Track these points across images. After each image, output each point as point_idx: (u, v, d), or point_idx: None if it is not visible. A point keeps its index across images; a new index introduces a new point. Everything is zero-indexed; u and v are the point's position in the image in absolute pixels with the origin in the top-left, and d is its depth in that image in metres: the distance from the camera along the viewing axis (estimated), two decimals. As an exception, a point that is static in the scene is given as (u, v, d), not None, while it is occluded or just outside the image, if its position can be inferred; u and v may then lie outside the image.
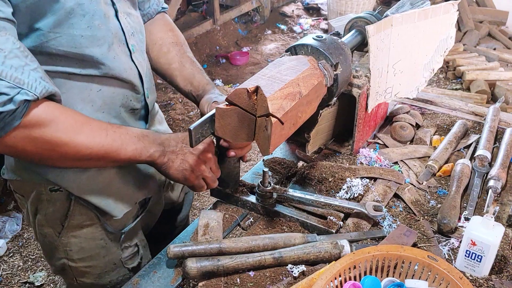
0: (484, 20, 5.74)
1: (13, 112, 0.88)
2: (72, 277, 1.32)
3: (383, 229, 1.25)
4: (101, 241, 1.28)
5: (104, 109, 1.16)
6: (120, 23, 1.14)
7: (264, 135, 1.03)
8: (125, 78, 1.17)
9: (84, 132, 1.00)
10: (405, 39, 1.47)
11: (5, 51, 0.86)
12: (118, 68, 1.14)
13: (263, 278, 1.11)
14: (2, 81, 0.85)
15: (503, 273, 1.12)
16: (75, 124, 0.99)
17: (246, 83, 1.05)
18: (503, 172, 1.38)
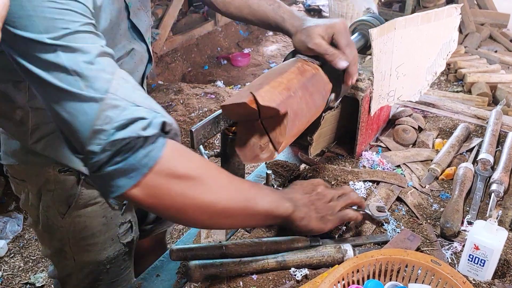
0: (486, 22, 5.74)
1: (155, 139, 0.81)
2: (70, 257, 1.33)
3: (387, 234, 1.25)
4: (103, 219, 1.30)
5: None
6: (133, 22, 1.15)
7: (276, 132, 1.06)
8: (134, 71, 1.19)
9: (222, 175, 0.95)
10: (408, 42, 1.47)
11: (131, 83, 0.84)
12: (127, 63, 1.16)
13: (266, 281, 1.11)
14: (139, 107, 0.80)
15: (506, 278, 1.12)
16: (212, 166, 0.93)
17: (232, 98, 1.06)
18: (506, 176, 1.38)
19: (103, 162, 0.79)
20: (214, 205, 0.91)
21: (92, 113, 0.78)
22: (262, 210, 0.99)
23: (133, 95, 0.82)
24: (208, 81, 4.91)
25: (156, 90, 4.31)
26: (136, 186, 0.81)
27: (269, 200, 1.00)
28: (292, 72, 1.14)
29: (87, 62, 0.79)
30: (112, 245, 1.34)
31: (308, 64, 1.18)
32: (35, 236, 2.88)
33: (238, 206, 0.96)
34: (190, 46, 5.31)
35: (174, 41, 4.99)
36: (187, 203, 0.88)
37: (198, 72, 5.14)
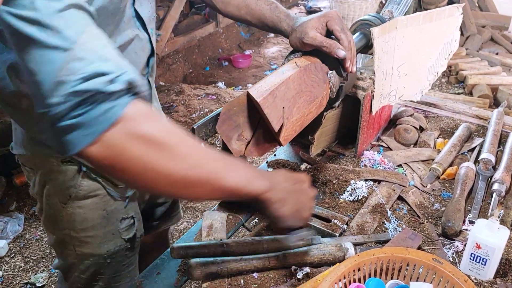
0: (487, 24, 5.74)
1: (118, 95, 0.77)
2: (71, 248, 1.34)
3: (388, 232, 1.25)
4: (103, 212, 1.30)
5: None
6: (137, 11, 1.15)
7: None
8: (135, 62, 1.18)
9: (188, 142, 0.87)
10: (410, 42, 1.47)
11: (104, 41, 0.81)
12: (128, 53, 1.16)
13: (267, 279, 1.11)
14: (106, 62, 0.77)
15: (508, 277, 1.12)
16: (179, 131, 0.87)
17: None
18: (507, 176, 1.38)
19: (62, 115, 0.75)
20: (173, 173, 0.84)
21: (57, 63, 0.75)
22: (229, 185, 0.91)
23: (103, 50, 0.79)
24: (209, 82, 4.91)
25: (157, 91, 4.30)
26: (93, 143, 0.77)
27: (241, 175, 0.92)
28: (315, 104, 1.17)
29: (58, 10, 0.76)
30: (112, 240, 1.35)
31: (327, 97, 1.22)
32: (35, 236, 2.88)
33: (200, 177, 0.87)
34: (191, 48, 5.32)
35: (175, 43, 5.00)
36: (146, 167, 0.82)
37: (199, 73, 5.14)
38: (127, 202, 1.34)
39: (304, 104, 1.13)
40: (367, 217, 1.30)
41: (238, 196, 0.94)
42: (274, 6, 1.30)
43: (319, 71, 1.20)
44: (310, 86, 1.16)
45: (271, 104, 1.06)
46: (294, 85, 1.12)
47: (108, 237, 1.34)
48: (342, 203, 1.36)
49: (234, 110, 1.12)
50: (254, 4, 1.31)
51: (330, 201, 1.37)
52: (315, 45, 1.20)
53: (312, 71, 1.18)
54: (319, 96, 1.17)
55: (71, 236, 1.32)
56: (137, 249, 1.44)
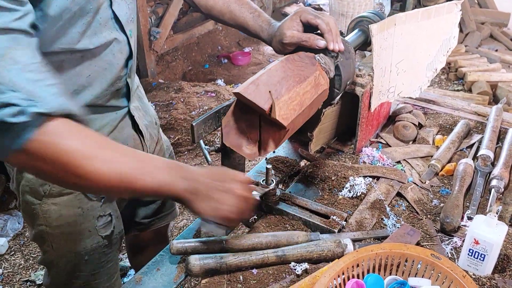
0: (486, 21, 5.74)
1: (25, 125, 0.83)
2: (49, 244, 1.35)
3: (387, 229, 1.25)
4: (78, 209, 1.31)
5: (91, 92, 1.19)
6: (114, 12, 1.15)
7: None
8: (112, 62, 1.19)
9: (101, 155, 0.91)
10: (408, 38, 1.47)
11: (21, 64, 0.84)
12: (106, 54, 1.16)
13: (266, 275, 1.11)
14: (15, 93, 0.82)
15: (506, 272, 1.12)
16: (93, 145, 0.91)
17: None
18: (506, 172, 1.38)
19: None
20: (83, 186, 0.93)
21: None
22: (145, 189, 0.95)
23: (16, 79, 0.82)
24: (208, 79, 4.91)
25: (156, 88, 4.31)
26: (7, 159, 0.89)
27: (159, 177, 0.96)
28: (309, 83, 1.16)
29: None
30: (90, 237, 1.34)
31: (322, 74, 1.20)
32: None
33: (115, 183, 0.93)
34: (191, 45, 5.31)
35: (174, 40, 4.99)
36: (54, 180, 0.94)
37: (198, 71, 5.14)
38: (102, 201, 1.34)
39: (294, 84, 1.12)
40: (366, 213, 1.30)
41: (159, 196, 1.02)
42: (257, 14, 1.31)
43: (303, 58, 1.20)
44: (297, 70, 1.15)
45: (253, 91, 1.05)
46: (277, 73, 1.12)
47: (85, 234, 1.34)
48: (341, 199, 1.36)
49: (233, 120, 1.12)
50: (238, 11, 1.32)
51: (329, 197, 1.37)
52: (294, 42, 1.21)
53: (296, 60, 1.19)
54: (310, 75, 1.16)
55: (47, 232, 1.33)
56: (115, 246, 1.44)
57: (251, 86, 1.06)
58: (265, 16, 1.32)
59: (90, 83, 1.17)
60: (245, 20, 1.31)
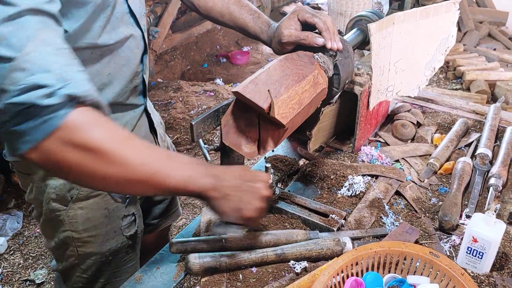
0: (484, 20, 5.75)
1: (56, 108, 0.79)
2: (73, 249, 1.35)
3: (386, 227, 1.26)
4: (105, 211, 1.31)
5: (111, 90, 1.19)
6: (129, 5, 1.15)
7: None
8: (131, 58, 1.19)
9: (130, 146, 0.89)
10: (407, 37, 1.47)
11: (52, 46, 0.82)
12: (124, 50, 1.16)
13: (266, 274, 1.12)
14: (47, 74, 0.78)
15: (504, 270, 1.13)
16: (121, 136, 0.89)
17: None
18: (504, 170, 1.39)
19: (5, 121, 0.79)
20: (112, 176, 0.88)
21: (1, 71, 0.77)
22: (172, 183, 0.93)
23: (48, 59, 0.79)
24: (207, 79, 4.91)
25: (155, 88, 4.31)
26: (33, 150, 0.81)
27: (183, 174, 0.94)
28: (308, 82, 1.16)
29: (9, 16, 0.77)
30: (114, 237, 1.35)
31: (321, 73, 1.20)
32: (34, 233, 2.89)
33: (141, 178, 0.90)
34: (189, 44, 5.31)
35: (173, 39, 4.99)
36: (83, 172, 0.86)
37: (197, 70, 5.14)
38: (128, 201, 1.35)
39: (293, 83, 1.12)
40: (364, 212, 1.30)
41: (182, 193, 0.97)
42: (257, 16, 1.31)
43: (302, 57, 1.20)
44: (296, 69, 1.16)
45: (253, 90, 1.06)
46: (276, 72, 1.12)
47: (110, 235, 1.35)
48: (340, 198, 1.37)
49: (232, 119, 1.12)
50: (237, 13, 1.32)
51: (328, 196, 1.38)
52: (292, 41, 1.21)
53: (294, 59, 1.19)
54: (309, 74, 1.16)
55: (73, 237, 1.32)
56: (137, 246, 1.45)
57: (250, 85, 1.06)
58: (265, 18, 1.32)
59: (111, 81, 1.17)
60: (245, 21, 1.31)
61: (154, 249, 1.82)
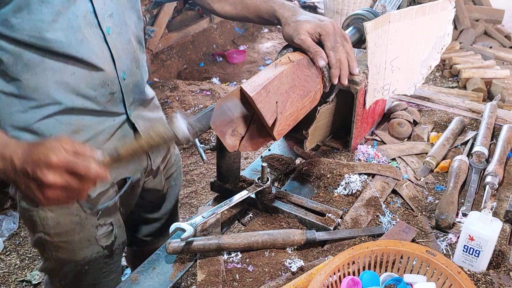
0: (480, 18, 5.76)
1: None
2: (48, 252, 1.31)
3: (382, 226, 1.26)
4: (76, 217, 1.27)
5: (79, 93, 1.15)
6: (93, 5, 1.10)
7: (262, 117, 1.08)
8: (94, 61, 1.13)
9: None
10: (403, 36, 1.47)
11: None
12: (86, 51, 1.11)
13: (262, 273, 1.11)
14: None
15: (501, 268, 1.13)
16: None
17: None
18: (500, 168, 1.39)
19: None
20: None
21: None
22: None
23: None
24: (203, 78, 4.90)
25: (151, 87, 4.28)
26: None
27: None
28: (309, 98, 1.17)
29: None
30: (89, 246, 1.31)
31: (320, 92, 1.22)
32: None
33: None
34: (186, 43, 5.30)
35: (169, 38, 4.98)
36: None
37: (193, 69, 5.13)
38: (100, 213, 1.30)
39: (298, 98, 1.13)
40: (361, 210, 1.30)
41: None
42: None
43: (311, 65, 1.20)
44: (304, 80, 1.16)
45: (264, 98, 1.06)
46: (287, 80, 1.12)
47: (84, 244, 1.30)
48: (336, 197, 1.36)
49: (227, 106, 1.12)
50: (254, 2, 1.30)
51: (324, 195, 1.37)
52: (302, 47, 1.20)
53: (305, 66, 1.18)
54: (312, 90, 1.17)
55: (46, 240, 1.28)
56: (118, 257, 1.42)
57: (263, 92, 1.06)
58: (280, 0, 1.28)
59: (77, 82, 1.13)
60: (256, 5, 1.29)
61: None
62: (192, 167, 3.45)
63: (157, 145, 0.88)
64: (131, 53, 1.23)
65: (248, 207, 1.35)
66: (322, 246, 1.21)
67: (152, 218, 1.63)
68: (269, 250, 1.18)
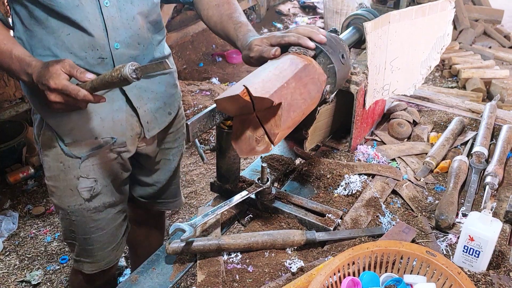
0: (480, 18, 5.76)
1: None
2: (48, 195, 1.53)
3: (382, 226, 1.26)
4: (60, 164, 1.42)
5: (72, 51, 1.28)
6: None
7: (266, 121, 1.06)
8: (87, 27, 1.25)
9: None
10: (402, 36, 1.47)
11: None
12: (80, 16, 1.24)
13: (262, 274, 1.11)
14: None
15: (501, 268, 1.13)
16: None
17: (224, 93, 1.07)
18: (500, 169, 1.39)
19: None
20: None
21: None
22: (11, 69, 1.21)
23: None
24: (203, 78, 4.90)
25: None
26: None
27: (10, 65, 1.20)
28: (284, 63, 1.14)
29: None
30: (72, 196, 1.46)
31: (301, 56, 1.18)
32: (30, 234, 2.87)
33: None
34: (185, 44, 5.30)
35: (169, 39, 4.98)
36: None
37: (193, 69, 5.13)
38: (82, 162, 1.42)
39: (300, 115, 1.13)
40: (361, 211, 1.30)
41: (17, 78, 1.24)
42: (239, 26, 1.38)
43: (317, 69, 1.19)
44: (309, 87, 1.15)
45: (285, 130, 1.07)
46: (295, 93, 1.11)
47: (67, 193, 1.46)
48: (336, 197, 1.36)
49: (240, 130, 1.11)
50: (226, 22, 1.41)
51: (324, 195, 1.37)
52: (258, 55, 1.26)
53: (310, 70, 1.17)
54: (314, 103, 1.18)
55: (46, 183, 1.49)
56: (105, 215, 1.53)
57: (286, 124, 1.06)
58: (245, 28, 1.37)
59: (71, 42, 1.27)
60: (228, 31, 1.40)
61: (143, 240, 1.94)
62: (192, 168, 3.45)
63: (111, 79, 1.09)
64: (133, 29, 1.33)
65: (248, 207, 1.35)
66: (322, 246, 1.21)
67: (145, 182, 1.72)
68: (269, 250, 1.18)
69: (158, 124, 1.51)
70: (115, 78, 1.08)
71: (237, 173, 1.37)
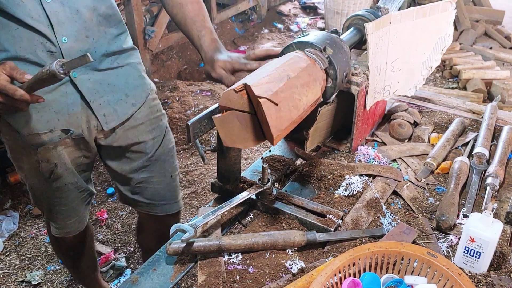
0: (481, 19, 5.76)
1: None
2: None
3: (383, 227, 1.25)
4: (22, 149, 1.52)
5: (21, 46, 1.32)
6: None
7: (265, 123, 1.03)
8: (31, 23, 1.28)
9: None
10: (404, 37, 1.47)
11: None
12: (22, 13, 1.27)
13: (263, 275, 1.11)
14: None
15: (502, 270, 1.13)
16: None
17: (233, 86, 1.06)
18: (501, 170, 1.39)
19: None
20: None
21: None
22: None
23: None
24: (203, 78, 4.90)
25: (151, 87, 4.30)
26: None
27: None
28: (286, 62, 1.14)
29: None
30: (36, 176, 1.57)
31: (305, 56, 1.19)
32: (31, 234, 2.88)
33: None
34: (186, 44, 5.29)
35: (169, 39, 4.98)
36: None
37: (193, 70, 5.13)
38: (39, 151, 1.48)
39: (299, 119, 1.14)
40: (362, 212, 1.30)
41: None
42: (203, 33, 1.43)
43: (318, 70, 1.19)
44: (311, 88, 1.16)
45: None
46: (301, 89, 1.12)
47: (31, 173, 1.57)
48: (337, 198, 1.36)
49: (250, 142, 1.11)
50: (189, 27, 1.46)
51: (325, 196, 1.37)
52: (219, 78, 1.35)
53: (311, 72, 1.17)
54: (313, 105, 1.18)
55: (12, 161, 1.60)
56: (68, 194, 1.63)
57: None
58: (209, 37, 1.42)
59: (20, 37, 1.30)
60: (192, 36, 1.45)
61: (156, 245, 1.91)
62: (193, 168, 3.45)
63: (42, 76, 1.13)
64: (79, 23, 1.36)
65: (249, 208, 1.35)
66: (322, 247, 1.20)
67: (135, 179, 1.74)
68: (270, 251, 1.18)
69: (117, 116, 1.54)
70: (45, 74, 1.12)
71: (238, 174, 1.37)
